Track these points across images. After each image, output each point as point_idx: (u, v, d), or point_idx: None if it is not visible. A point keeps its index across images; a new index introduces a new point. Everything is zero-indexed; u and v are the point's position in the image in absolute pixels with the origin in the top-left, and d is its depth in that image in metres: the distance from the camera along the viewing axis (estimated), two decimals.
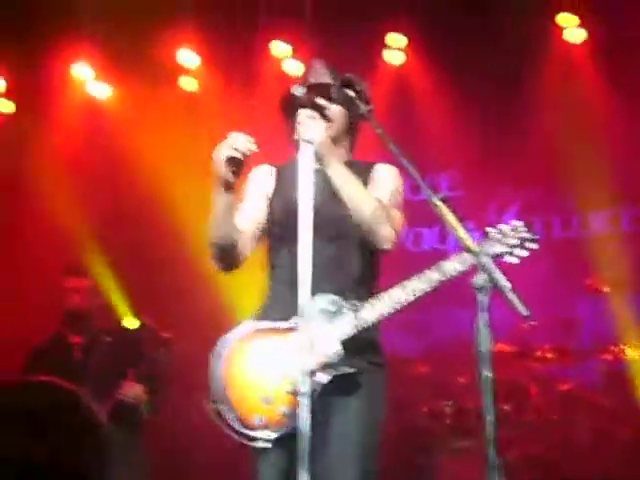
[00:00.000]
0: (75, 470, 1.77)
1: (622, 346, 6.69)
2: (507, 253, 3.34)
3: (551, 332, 6.94)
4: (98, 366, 5.63)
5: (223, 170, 3.34)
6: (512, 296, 2.73)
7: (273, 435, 3.27)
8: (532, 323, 6.58)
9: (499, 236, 3.36)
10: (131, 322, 6.85)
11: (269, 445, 3.28)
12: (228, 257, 3.53)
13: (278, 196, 3.63)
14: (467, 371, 6.61)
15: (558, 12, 7.78)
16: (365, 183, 3.53)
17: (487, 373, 2.73)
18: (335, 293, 3.37)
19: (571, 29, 7.83)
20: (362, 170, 3.59)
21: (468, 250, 2.87)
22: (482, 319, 2.77)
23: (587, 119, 7.82)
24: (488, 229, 3.34)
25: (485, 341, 2.75)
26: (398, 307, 3.33)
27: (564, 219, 8.14)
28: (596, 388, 6.81)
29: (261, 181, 3.71)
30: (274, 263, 3.58)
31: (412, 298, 3.32)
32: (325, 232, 3.43)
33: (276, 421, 3.28)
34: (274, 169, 3.73)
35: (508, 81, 7.70)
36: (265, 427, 3.29)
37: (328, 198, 3.42)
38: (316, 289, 3.21)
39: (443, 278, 3.32)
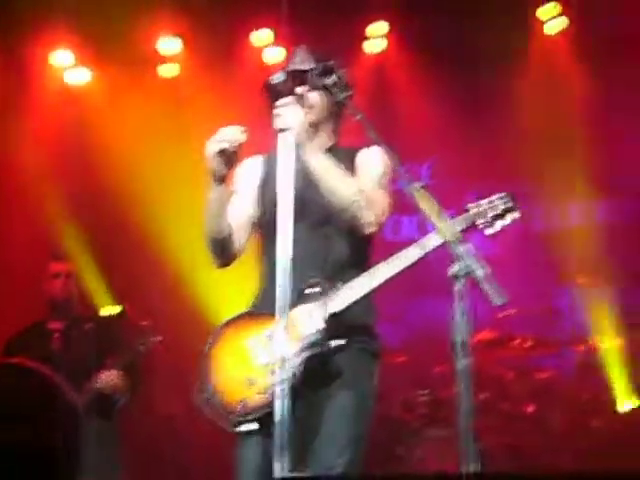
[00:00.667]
0: (45, 452, 1.75)
1: (599, 337, 6.71)
2: (486, 224, 3.36)
3: (529, 321, 6.96)
4: (76, 353, 5.59)
5: (213, 163, 3.37)
6: (487, 285, 2.74)
7: (255, 416, 3.31)
8: (509, 312, 6.62)
9: (477, 209, 3.40)
10: (110, 309, 6.81)
11: (252, 427, 3.32)
12: (225, 252, 3.58)
13: (266, 186, 3.64)
14: (443, 361, 6.62)
15: (539, 3, 7.79)
16: (350, 168, 3.53)
17: (463, 362, 2.73)
18: (324, 277, 3.40)
19: (552, 21, 7.84)
20: (346, 155, 3.60)
21: (444, 237, 2.88)
22: (458, 308, 2.78)
23: (569, 110, 7.84)
24: (469, 205, 3.35)
25: (461, 330, 2.76)
26: (377, 284, 3.35)
27: (545, 210, 8.15)
28: (572, 378, 6.84)
29: (249, 173, 3.73)
30: (264, 253, 3.60)
31: (393, 273, 3.34)
32: (312, 218, 3.49)
33: (258, 402, 3.32)
34: (261, 159, 3.75)
35: (490, 70, 7.69)
36: (247, 410, 3.33)
37: (313, 185, 3.43)
38: (305, 274, 3.33)
39: (422, 253, 3.33)
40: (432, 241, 3.31)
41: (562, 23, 7.84)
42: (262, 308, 3.47)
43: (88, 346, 5.61)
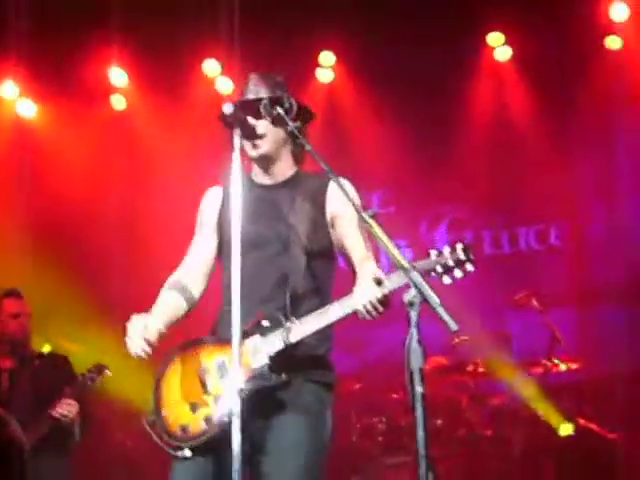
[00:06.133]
0: None
1: (552, 360, 6.75)
2: (443, 273, 3.15)
3: (481, 347, 6.99)
4: (26, 391, 5.51)
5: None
6: (442, 311, 2.76)
7: (193, 443, 3.32)
8: (463, 338, 6.64)
9: (438, 257, 3.17)
10: (45, 347, 6.68)
11: (186, 454, 3.33)
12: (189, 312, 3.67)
13: (224, 215, 3.62)
14: (400, 388, 6.62)
15: (487, 31, 7.91)
16: (319, 196, 3.55)
17: (418, 389, 2.74)
18: (278, 308, 3.39)
19: (500, 48, 7.96)
20: (314, 182, 3.59)
21: (399, 265, 2.89)
22: (413, 335, 2.79)
23: (515, 137, 7.96)
24: (430, 250, 3.18)
25: (416, 357, 2.77)
26: (328, 323, 3.32)
27: (494, 235, 8.24)
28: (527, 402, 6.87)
29: (210, 205, 3.72)
30: (225, 281, 3.55)
31: (344, 314, 3.29)
32: (269, 249, 3.49)
33: (199, 429, 3.33)
34: (221, 190, 3.72)
35: (438, 98, 7.79)
36: (187, 436, 3.35)
37: (271, 216, 3.49)
38: (261, 304, 3.36)
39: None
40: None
41: (506, 49, 7.97)
42: (221, 335, 3.46)
43: (37, 384, 5.55)
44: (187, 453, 3.33)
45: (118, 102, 8.26)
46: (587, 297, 7.70)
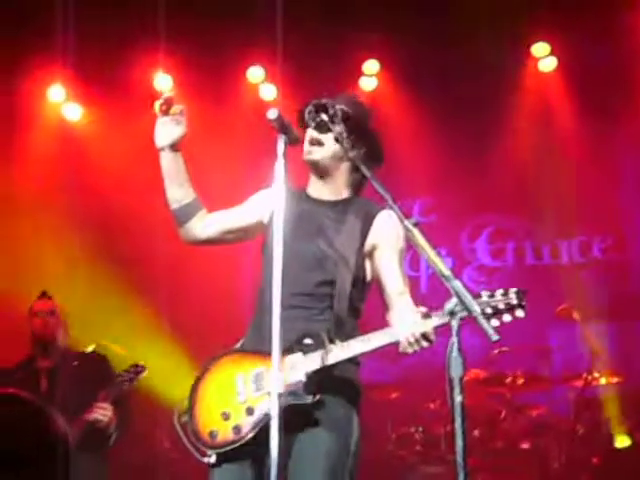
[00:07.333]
0: None
1: (594, 373, 6.70)
2: (492, 315, 3.02)
3: (522, 358, 6.95)
4: (65, 391, 5.55)
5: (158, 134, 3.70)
6: (482, 321, 2.74)
7: (219, 450, 3.34)
8: (503, 349, 6.61)
9: (489, 299, 3.05)
10: (91, 346, 6.73)
11: (211, 460, 3.35)
12: (181, 224, 3.72)
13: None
14: (438, 397, 6.59)
15: (532, 42, 7.87)
16: (365, 224, 3.54)
17: (458, 398, 2.73)
18: (324, 326, 3.39)
19: (544, 59, 7.92)
20: (364, 209, 3.58)
21: (440, 274, 2.87)
22: (454, 344, 2.78)
23: (560, 148, 7.90)
24: (482, 291, 3.07)
25: (456, 366, 2.75)
26: (367, 350, 3.32)
27: (535, 246, 8.19)
28: (566, 414, 6.82)
29: (257, 203, 3.73)
30: (263, 289, 3.53)
31: (383, 344, 3.29)
32: (311, 264, 3.49)
33: (226, 438, 3.35)
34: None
35: (481, 108, 7.75)
36: (214, 443, 3.36)
37: (315, 233, 3.50)
38: (302, 321, 3.37)
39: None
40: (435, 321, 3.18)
41: (551, 59, 7.92)
42: (256, 344, 3.44)
43: (75, 384, 5.59)
44: (212, 459, 3.35)
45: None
46: (629, 310, 7.63)
